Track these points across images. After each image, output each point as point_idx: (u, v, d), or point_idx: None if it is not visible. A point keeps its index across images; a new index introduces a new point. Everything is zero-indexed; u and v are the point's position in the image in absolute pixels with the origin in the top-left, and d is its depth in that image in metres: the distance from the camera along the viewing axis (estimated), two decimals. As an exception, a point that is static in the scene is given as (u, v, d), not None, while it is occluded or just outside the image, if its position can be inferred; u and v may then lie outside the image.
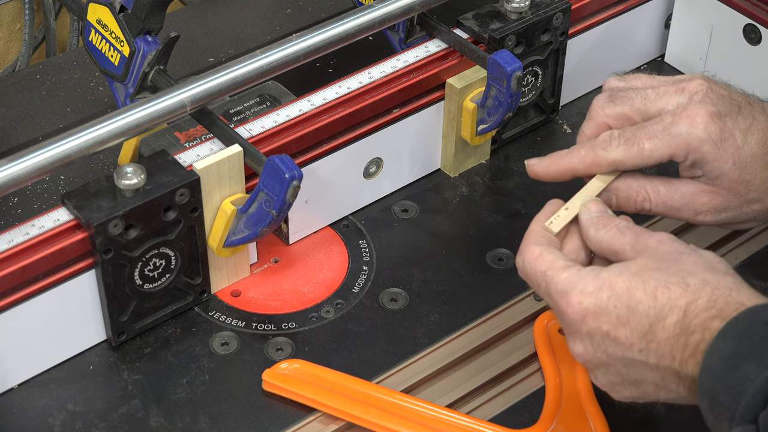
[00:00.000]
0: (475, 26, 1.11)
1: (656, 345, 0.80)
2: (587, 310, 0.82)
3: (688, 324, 0.78)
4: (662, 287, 0.80)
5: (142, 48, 1.05)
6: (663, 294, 0.80)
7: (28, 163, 0.90)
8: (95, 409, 0.95)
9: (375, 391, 0.95)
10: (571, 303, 0.82)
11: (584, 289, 0.82)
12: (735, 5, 1.19)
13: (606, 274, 0.82)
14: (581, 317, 0.82)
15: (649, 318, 0.80)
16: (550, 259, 0.85)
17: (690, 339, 0.78)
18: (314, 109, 1.04)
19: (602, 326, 0.81)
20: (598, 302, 0.81)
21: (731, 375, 0.74)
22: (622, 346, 0.81)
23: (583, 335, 0.83)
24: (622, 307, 0.81)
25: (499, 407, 0.96)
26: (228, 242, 0.99)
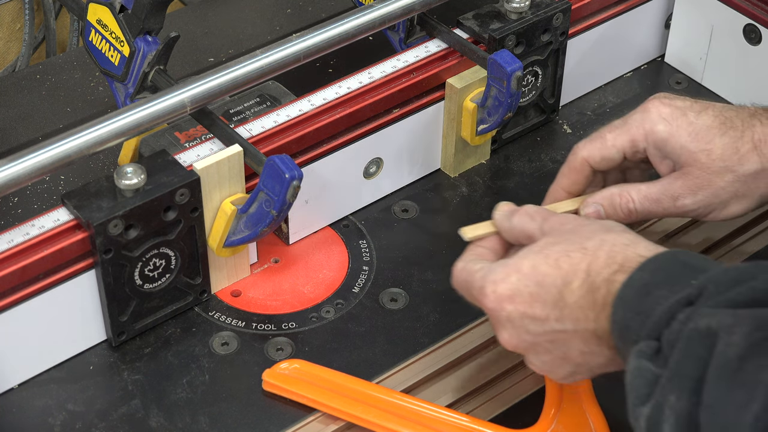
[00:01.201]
0: (475, 26, 1.11)
1: (569, 311, 0.83)
2: (501, 296, 0.86)
3: (592, 282, 0.82)
4: (563, 256, 0.84)
5: (142, 48, 1.05)
6: (565, 262, 0.84)
7: (28, 163, 0.90)
8: (95, 409, 0.95)
9: (375, 391, 0.95)
10: (487, 294, 0.86)
11: (495, 278, 0.86)
12: (735, 5, 1.19)
13: (512, 260, 0.87)
14: (498, 304, 0.86)
15: (556, 287, 0.84)
16: (467, 268, 0.90)
17: (597, 295, 0.82)
18: (314, 109, 1.04)
19: (518, 307, 0.85)
20: (509, 286, 0.86)
21: (643, 301, 0.78)
22: (540, 321, 0.85)
23: (504, 322, 0.86)
24: (531, 285, 0.85)
25: (499, 407, 0.96)
26: (228, 242, 0.99)
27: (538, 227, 0.89)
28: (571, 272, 0.84)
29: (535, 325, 0.85)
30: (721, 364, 0.69)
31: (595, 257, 0.83)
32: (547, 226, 0.89)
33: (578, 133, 1.21)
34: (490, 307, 0.87)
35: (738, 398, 0.67)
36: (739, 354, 0.68)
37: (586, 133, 1.21)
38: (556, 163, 1.17)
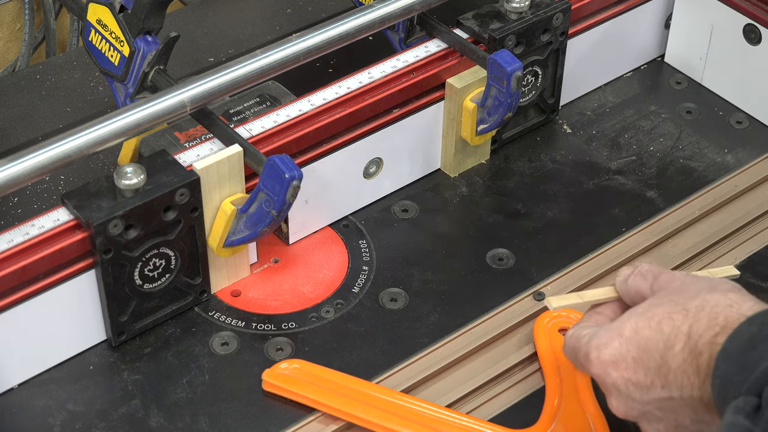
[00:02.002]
0: (475, 26, 1.11)
1: (673, 376, 0.80)
2: (605, 362, 0.84)
3: (693, 345, 0.79)
4: (666, 319, 0.82)
5: (142, 48, 1.05)
6: (667, 325, 0.81)
7: (28, 163, 0.90)
8: (95, 409, 0.95)
9: (375, 391, 0.95)
10: (592, 360, 0.84)
11: (599, 343, 0.84)
12: (735, 5, 1.19)
13: (615, 324, 0.84)
14: (603, 370, 0.84)
15: (659, 351, 0.81)
16: (576, 334, 0.88)
17: (700, 360, 0.79)
18: (314, 109, 1.04)
19: (623, 374, 0.83)
20: (612, 351, 0.83)
21: (748, 356, 0.75)
22: (645, 388, 0.82)
23: (610, 388, 0.84)
24: (633, 349, 0.82)
25: (499, 407, 0.96)
26: (228, 242, 0.99)
27: (649, 286, 0.87)
28: (672, 335, 0.81)
29: (641, 392, 0.83)
30: None
31: (697, 319, 0.80)
32: (657, 284, 0.87)
33: (578, 133, 1.21)
34: (596, 374, 0.85)
35: None
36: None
37: (586, 133, 1.21)
38: (556, 163, 1.17)
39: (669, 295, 0.84)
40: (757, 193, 1.14)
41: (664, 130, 1.22)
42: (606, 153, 1.18)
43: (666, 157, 1.18)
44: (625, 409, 0.84)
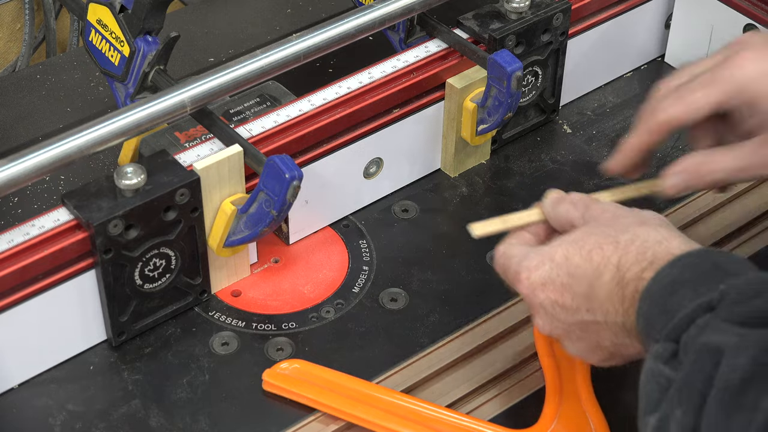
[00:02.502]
0: (475, 26, 1.11)
1: (599, 303, 0.84)
2: (534, 283, 0.87)
3: (621, 277, 0.82)
4: (596, 248, 0.84)
5: (142, 48, 1.05)
6: (597, 254, 0.84)
7: (28, 163, 0.90)
8: (95, 409, 0.95)
9: (375, 391, 0.95)
10: (521, 280, 0.88)
11: (529, 265, 0.87)
12: (735, 5, 1.19)
13: (547, 248, 0.87)
14: (531, 291, 0.87)
15: (587, 279, 0.84)
16: (507, 252, 0.91)
17: (626, 291, 0.82)
18: (314, 109, 1.04)
19: (550, 295, 0.86)
20: (542, 273, 0.87)
21: (668, 300, 0.77)
22: (571, 310, 0.86)
23: (537, 308, 0.88)
24: (563, 275, 0.86)
25: (499, 407, 0.96)
26: (228, 242, 0.99)
27: (580, 215, 0.90)
28: (602, 265, 0.84)
29: (566, 314, 0.86)
30: (723, 386, 0.68)
31: (626, 252, 0.83)
32: (588, 214, 0.89)
33: (578, 133, 1.21)
34: (524, 293, 0.88)
35: (737, 422, 0.66)
36: (742, 377, 0.67)
37: (586, 133, 1.21)
38: (556, 163, 1.17)
39: (601, 226, 0.86)
40: (757, 193, 1.14)
41: (664, 130, 1.22)
42: (606, 153, 1.18)
43: (666, 157, 1.18)
44: (550, 328, 0.88)
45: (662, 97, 0.92)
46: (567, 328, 0.87)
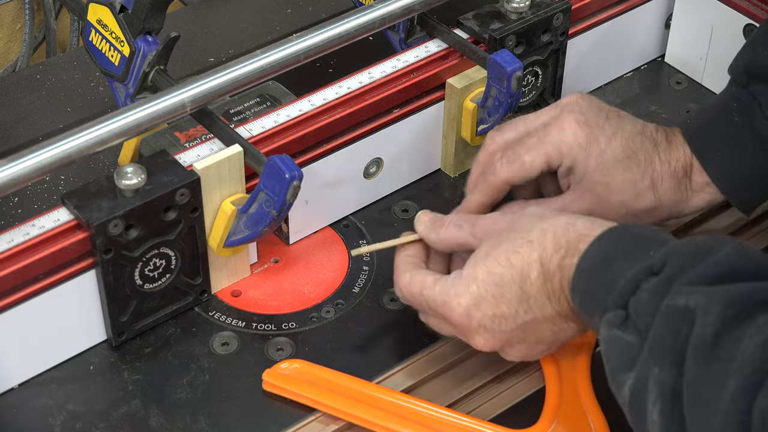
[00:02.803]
0: (475, 26, 1.11)
1: (533, 301, 0.88)
2: (467, 306, 0.90)
3: (546, 271, 0.87)
4: (513, 254, 0.89)
5: (142, 48, 1.05)
6: (516, 258, 0.89)
7: (28, 163, 0.90)
8: (95, 409, 0.95)
9: (375, 391, 0.95)
10: (453, 308, 0.90)
11: (456, 292, 0.90)
12: (735, 5, 1.19)
13: (466, 272, 0.91)
14: (466, 315, 0.90)
15: (516, 283, 0.89)
16: (419, 279, 0.94)
17: (554, 282, 0.87)
18: (314, 109, 1.04)
19: (487, 312, 0.90)
20: (471, 295, 0.90)
21: (604, 271, 0.82)
22: (510, 318, 0.89)
23: (476, 328, 0.90)
24: (492, 287, 0.89)
25: (499, 407, 0.96)
26: (228, 242, 0.99)
27: (469, 234, 0.94)
28: (525, 266, 0.88)
29: (507, 322, 0.90)
30: (699, 343, 0.72)
31: (543, 247, 0.88)
32: (478, 230, 0.93)
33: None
34: (458, 321, 0.91)
35: (715, 373, 0.70)
36: (714, 332, 0.72)
37: (586, 133, 1.21)
38: (556, 163, 1.17)
39: (503, 234, 0.91)
40: (757, 193, 1.13)
41: (664, 130, 1.22)
42: (606, 153, 1.18)
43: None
44: (493, 342, 0.91)
45: (496, 157, 1.00)
46: (508, 337, 0.90)
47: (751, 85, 1.00)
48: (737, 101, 1.00)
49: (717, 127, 1.00)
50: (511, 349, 0.92)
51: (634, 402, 0.77)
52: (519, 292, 0.89)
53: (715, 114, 1.02)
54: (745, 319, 0.71)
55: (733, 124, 1.00)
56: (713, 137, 1.01)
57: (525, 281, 0.88)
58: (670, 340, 0.74)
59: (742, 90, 1.00)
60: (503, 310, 0.89)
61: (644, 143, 1.00)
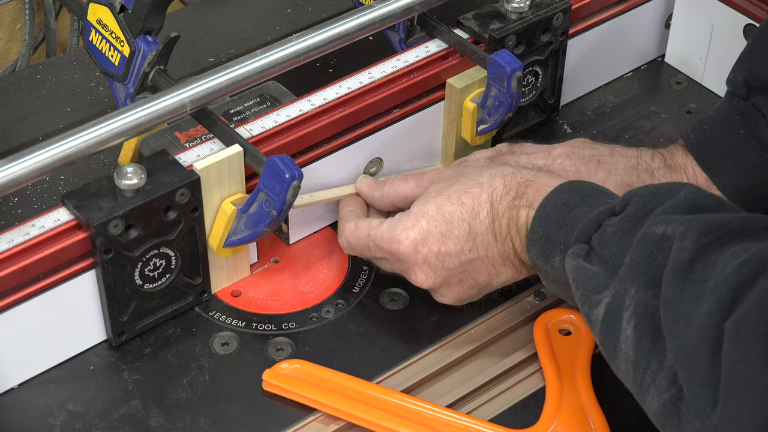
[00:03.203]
0: (475, 26, 1.11)
1: (480, 239, 0.93)
2: (415, 240, 0.94)
3: (495, 210, 0.93)
4: (464, 193, 0.94)
5: (142, 48, 1.04)
6: (467, 198, 0.94)
7: (28, 163, 0.90)
8: (95, 409, 0.95)
9: (375, 391, 0.95)
10: (400, 241, 0.95)
11: (405, 226, 0.95)
12: (735, 5, 1.19)
13: (415, 208, 0.95)
14: (413, 248, 0.94)
15: (465, 221, 0.93)
16: (365, 224, 0.99)
17: (501, 222, 0.92)
18: (314, 109, 1.04)
19: (433, 248, 0.94)
20: (420, 230, 0.94)
21: (565, 216, 0.88)
22: (455, 255, 0.94)
23: (420, 263, 0.95)
24: (441, 224, 0.94)
25: (499, 407, 0.96)
26: (228, 242, 0.99)
27: (414, 185, 1.00)
28: (476, 204, 0.93)
29: (451, 259, 0.94)
30: (675, 265, 0.76)
31: (493, 188, 0.93)
32: (423, 181, 0.99)
33: (578, 133, 1.21)
34: (404, 253, 0.94)
35: (691, 293, 0.75)
36: (689, 257, 0.76)
37: (586, 133, 1.21)
38: (556, 163, 1.17)
39: (453, 178, 0.96)
40: (757, 193, 1.14)
41: (664, 130, 1.22)
42: (606, 153, 1.18)
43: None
44: (433, 279, 0.95)
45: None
46: (449, 275, 0.94)
47: (752, 97, 1.01)
48: (740, 114, 1.01)
49: (723, 142, 1.02)
50: (447, 289, 0.96)
51: (608, 319, 0.80)
52: (467, 229, 0.93)
53: (720, 128, 1.03)
54: (719, 247, 0.75)
55: (738, 137, 1.01)
56: (720, 152, 1.02)
57: (474, 219, 0.93)
58: (645, 264, 0.79)
59: (744, 102, 1.01)
60: (449, 247, 0.93)
61: (640, 175, 1.02)
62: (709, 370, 0.71)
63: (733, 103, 1.02)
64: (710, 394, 0.71)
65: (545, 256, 0.89)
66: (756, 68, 1.01)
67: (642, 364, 0.78)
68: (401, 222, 0.95)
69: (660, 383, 0.76)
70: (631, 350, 0.78)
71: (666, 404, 0.76)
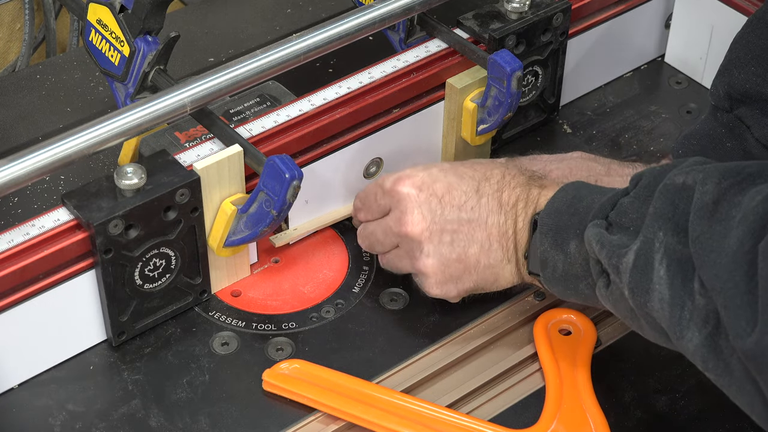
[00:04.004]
0: (475, 26, 1.11)
1: (486, 200, 0.94)
2: (421, 180, 0.96)
3: (507, 182, 0.95)
4: (477, 164, 0.97)
5: (142, 48, 1.04)
6: (479, 166, 0.97)
7: (28, 163, 0.90)
8: (95, 409, 0.95)
9: (375, 391, 0.95)
10: (406, 178, 0.96)
11: (414, 169, 0.97)
12: (735, 5, 1.19)
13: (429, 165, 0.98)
14: (417, 189, 0.96)
15: (476, 180, 0.95)
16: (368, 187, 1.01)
17: (511, 194, 0.94)
18: (314, 109, 1.04)
19: (437, 192, 0.95)
20: (429, 174, 0.96)
21: (576, 206, 0.89)
22: (456, 207, 0.94)
23: (420, 204, 0.95)
24: (451, 176, 0.96)
25: (499, 407, 0.96)
26: (228, 242, 0.99)
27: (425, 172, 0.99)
28: (488, 171, 0.96)
29: (451, 211, 0.95)
30: (700, 207, 0.78)
31: (507, 167, 0.96)
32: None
33: (578, 133, 1.21)
34: (406, 194, 0.95)
35: (719, 230, 0.76)
36: (713, 199, 0.78)
37: (586, 133, 1.21)
38: (556, 163, 1.17)
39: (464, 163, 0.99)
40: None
41: (664, 130, 1.22)
42: (606, 153, 1.18)
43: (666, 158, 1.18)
44: (425, 226, 0.95)
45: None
46: (442, 228, 0.94)
47: (735, 109, 1.01)
48: (725, 127, 1.02)
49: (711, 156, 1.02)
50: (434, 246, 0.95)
51: (638, 263, 0.81)
52: (475, 187, 0.95)
53: (707, 143, 1.03)
54: (740, 189, 0.78)
55: (726, 151, 1.02)
56: None
57: (485, 182, 0.95)
58: (670, 212, 0.80)
59: (728, 115, 1.02)
60: (453, 196, 0.94)
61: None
62: (745, 293, 0.73)
63: (718, 117, 1.03)
64: (749, 315, 0.73)
65: (558, 244, 0.89)
66: (735, 80, 1.01)
67: (678, 302, 0.79)
68: (411, 169, 0.97)
69: (697, 320, 0.77)
70: (666, 289, 0.79)
71: (707, 338, 0.77)
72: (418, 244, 0.96)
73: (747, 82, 1.00)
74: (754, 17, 1.02)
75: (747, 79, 1.00)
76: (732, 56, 1.02)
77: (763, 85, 0.99)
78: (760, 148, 1.00)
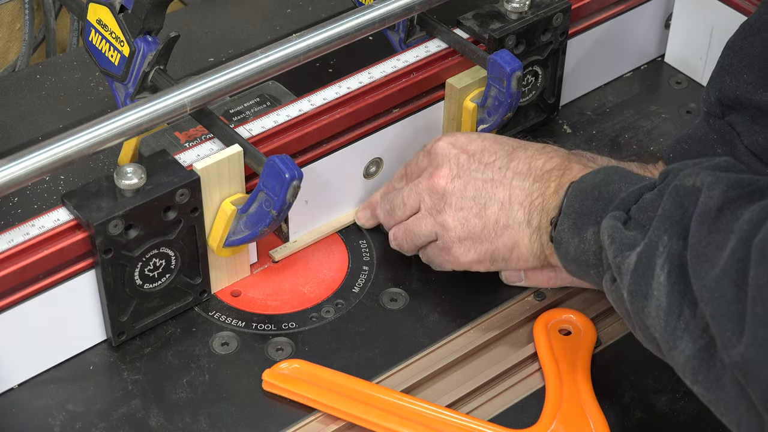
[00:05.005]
0: (475, 26, 1.11)
1: (516, 163, 0.97)
2: (458, 140, 0.99)
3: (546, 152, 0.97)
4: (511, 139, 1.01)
5: (142, 48, 1.04)
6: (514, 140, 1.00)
7: (28, 163, 0.90)
8: (95, 409, 0.95)
9: (375, 391, 0.95)
10: (443, 139, 1.00)
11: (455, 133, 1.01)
12: (735, 5, 1.19)
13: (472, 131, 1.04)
14: (451, 145, 0.99)
15: (511, 146, 0.98)
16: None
17: (541, 169, 0.96)
18: (314, 109, 1.04)
19: (469, 149, 0.99)
20: (468, 137, 1.00)
21: (602, 191, 0.89)
22: (483, 164, 0.98)
23: (451, 158, 0.99)
24: (489, 140, 0.99)
25: (499, 407, 0.96)
26: (228, 242, 0.99)
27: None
28: (530, 143, 0.99)
29: (480, 169, 0.97)
30: (702, 212, 0.78)
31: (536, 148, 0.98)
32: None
33: (578, 133, 1.21)
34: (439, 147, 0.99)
35: (716, 240, 0.76)
36: (717, 206, 0.78)
37: (586, 132, 1.21)
38: (556, 163, 1.17)
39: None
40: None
41: (664, 130, 1.22)
42: (606, 153, 1.18)
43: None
44: (452, 176, 0.98)
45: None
46: (466, 183, 0.97)
47: (726, 115, 1.01)
48: (717, 133, 1.02)
49: None
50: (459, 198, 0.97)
51: (639, 266, 0.80)
52: (509, 151, 0.97)
53: (698, 148, 1.03)
54: (746, 202, 0.77)
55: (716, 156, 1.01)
56: None
57: (521, 149, 0.97)
58: (678, 215, 0.80)
59: (719, 121, 1.02)
60: (484, 155, 0.97)
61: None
62: (733, 302, 0.72)
63: (710, 122, 1.03)
64: (736, 325, 0.72)
65: (577, 229, 0.89)
66: (726, 87, 1.01)
67: (675, 310, 0.78)
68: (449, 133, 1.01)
69: (693, 331, 0.77)
70: (664, 296, 0.78)
71: (701, 350, 0.76)
72: (441, 196, 0.98)
73: (738, 89, 1.00)
74: (747, 24, 1.02)
75: (738, 86, 1.00)
76: (724, 63, 1.02)
77: (754, 93, 0.99)
78: (749, 156, 1.00)
